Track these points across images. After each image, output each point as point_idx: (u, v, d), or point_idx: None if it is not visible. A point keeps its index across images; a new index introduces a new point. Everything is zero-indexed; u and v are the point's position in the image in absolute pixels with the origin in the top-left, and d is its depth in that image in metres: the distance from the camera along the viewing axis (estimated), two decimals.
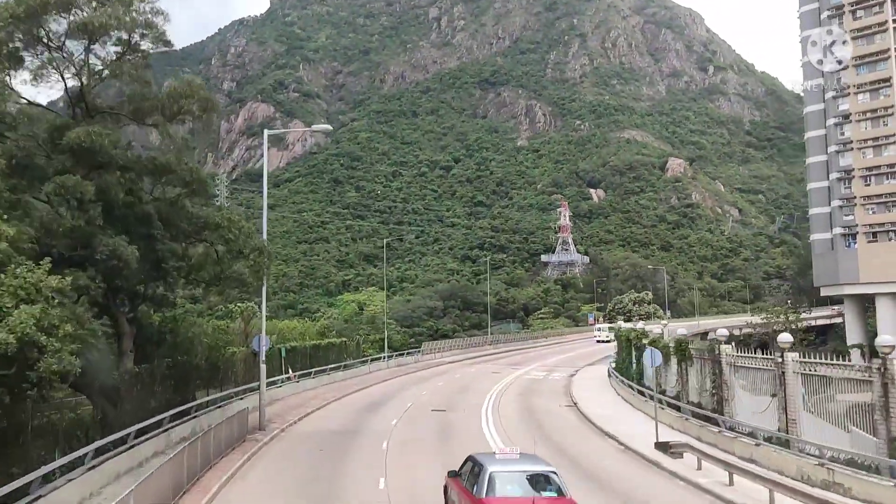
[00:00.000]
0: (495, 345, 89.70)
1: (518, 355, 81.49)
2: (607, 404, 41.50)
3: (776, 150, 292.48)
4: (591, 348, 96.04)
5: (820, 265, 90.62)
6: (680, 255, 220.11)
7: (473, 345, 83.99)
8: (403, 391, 48.33)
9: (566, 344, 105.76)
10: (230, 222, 26.19)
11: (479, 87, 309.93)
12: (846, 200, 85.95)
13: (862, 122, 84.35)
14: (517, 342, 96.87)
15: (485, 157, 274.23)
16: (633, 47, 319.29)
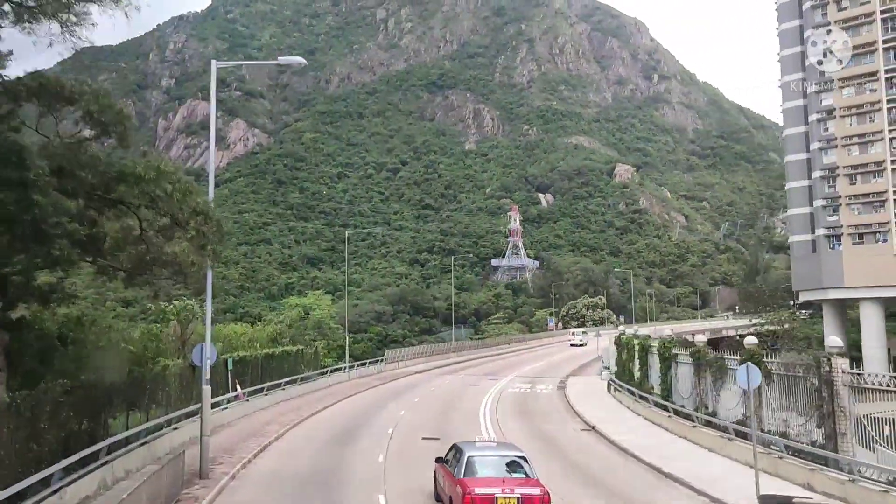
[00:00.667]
0: (459, 352, 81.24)
1: (488, 363, 73.07)
2: (633, 428, 33.24)
3: (719, 159, 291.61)
4: (564, 354, 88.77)
5: (800, 268, 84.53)
6: (629, 260, 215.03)
7: (437, 352, 75.38)
8: (378, 411, 39.29)
9: (535, 350, 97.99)
10: (159, 173, 16.90)
11: (427, 89, 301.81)
12: (830, 200, 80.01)
13: (847, 117, 78.51)
14: (481, 349, 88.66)
15: (433, 159, 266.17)
16: (580, 54, 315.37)
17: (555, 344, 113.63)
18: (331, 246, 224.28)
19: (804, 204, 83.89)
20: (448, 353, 78.18)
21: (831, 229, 79.79)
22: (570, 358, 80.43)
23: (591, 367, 69.29)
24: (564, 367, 69.95)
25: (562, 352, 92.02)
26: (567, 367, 69.92)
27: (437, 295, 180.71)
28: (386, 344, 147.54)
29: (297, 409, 38.66)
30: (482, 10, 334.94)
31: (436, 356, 73.91)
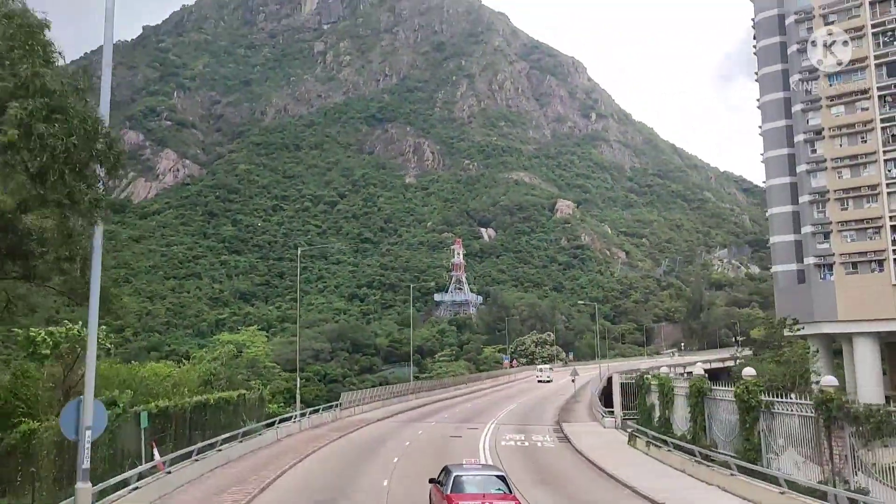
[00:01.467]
0: (418, 393, 70.68)
1: (455, 407, 62.80)
2: None
3: (656, 197, 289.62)
4: (534, 393, 79.78)
5: (785, 301, 77.14)
6: (572, 296, 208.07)
7: (396, 394, 64.80)
8: (351, 478, 28.54)
9: (498, 390, 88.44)
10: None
11: (366, 122, 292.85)
12: (820, 226, 73.07)
13: (837, 137, 72.14)
14: (439, 390, 78.33)
15: (372, 193, 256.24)
16: (519, 91, 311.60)
17: (515, 383, 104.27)
18: (265, 280, 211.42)
19: (788, 231, 76.83)
20: (407, 396, 67.55)
21: (822, 258, 72.76)
22: (543, 399, 71.03)
23: (576, 410, 59.92)
24: (545, 409, 60.53)
25: (530, 391, 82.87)
26: (548, 409, 60.53)
27: (377, 331, 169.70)
28: (325, 383, 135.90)
29: (240, 480, 27.63)
30: (422, 46, 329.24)
31: (394, 399, 63.28)
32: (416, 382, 72.67)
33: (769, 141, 78.68)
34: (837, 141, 72.14)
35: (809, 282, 73.20)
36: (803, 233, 74.34)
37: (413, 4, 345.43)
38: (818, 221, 73.27)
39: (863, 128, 70.94)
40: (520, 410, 60.49)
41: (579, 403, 65.79)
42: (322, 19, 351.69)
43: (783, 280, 77.93)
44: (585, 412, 57.84)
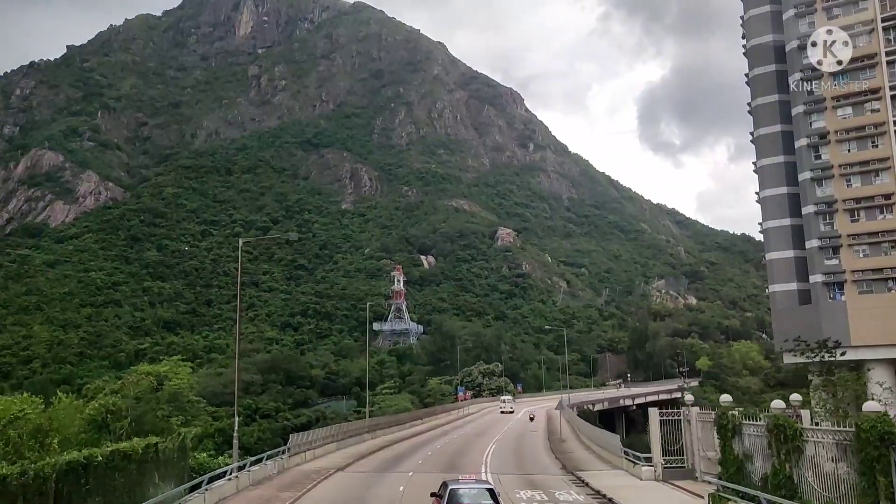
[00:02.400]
0: (374, 431, 58.29)
1: (426, 448, 51.15)
2: None
3: (594, 227, 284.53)
4: (503, 426, 68.99)
5: (785, 323, 67.90)
6: (515, 325, 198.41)
7: (351, 433, 52.36)
8: None
9: (462, 425, 77.08)
10: None
11: (302, 147, 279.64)
12: (828, 240, 64.20)
13: (844, 142, 63.90)
14: (396, 427, 65.97)
15: (307, 219, 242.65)
16: (458, 120, 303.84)
17: (474, 416, 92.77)
18: (191, 308, 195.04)
19: (787, 246, 67.81)
20: (362, 434, 55.16)
21: (830, 275, 63.69)
22: (519, 435, 60.27)
23: (568, 449, 49.73)
24: (533, 447, 50.01)
25: (496, 424, 72.16)
26: (535, 447, 49.98)
27: (312, 362, 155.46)
28: (255, 418, 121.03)
29: None
30: (359, 72, 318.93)
31: (350, 439, 50.85)
32: (372, 420, 60.26)
33: (763, 148, 70.28)
34: (845, 146, 64.02)
35: (817, 302, 64.08)
36: (808, 248, 65.58)
37: (350, 31, 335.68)
38: (825, 235, 64.61)
39: (874, 130, 62.94)
40: (504, 449, 49.59)
41: (565, 443, 54.72)
42: (256, 43, 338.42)
43: (782, 301, 68.85)
44: (583, 452, 46.96)
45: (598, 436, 48.02)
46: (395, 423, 67.66)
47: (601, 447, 45.15)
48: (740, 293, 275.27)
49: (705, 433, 31.29)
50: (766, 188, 70.49)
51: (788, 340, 61.00)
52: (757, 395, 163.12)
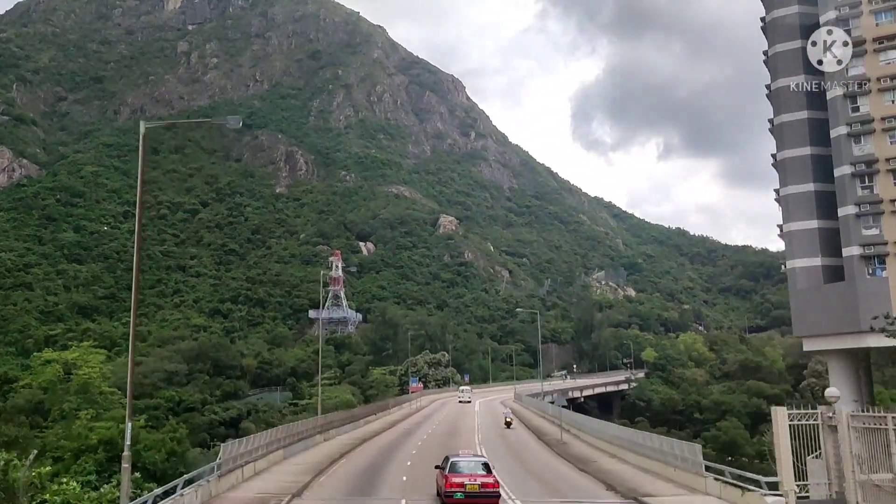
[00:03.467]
0: (326, 432, 47.17)
1: (398, 452, 40.69)
2: None
3: (534, 217, 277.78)
4: (469, 421, 59.93)
5: (807, 304, 59.07)
6: (457, 314, 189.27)
7: (300, 436, 40.77)
8: None
9: (422, 420, 66.87)
10: None
11: (234, 128, 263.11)
12: (868, 206, 55.30)
13: (887, 91, 55.41)
14: (350, 424, 54.92)
15: (238, 202, 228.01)
16: (398, 105, 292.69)
17: (430, 408, 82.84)
18: (110, 293, 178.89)
19: (810, 216, 58.80)
20: (314, 436, 44.04)
21: (870, 247, 54.95)
22: (501, 435, 50.04)
23: (574, 452, 38.87)
24: (532, 455, 40.52)
25: (461, 417, 63.54)
26: (533, 452, 39.86)
27: (244, 351, 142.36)
28: (178, 413, 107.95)
29: None
30: (296, 53, 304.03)
31: (298, 444, 39.47)
32: (324, 417, 48.71)
33: (784, 102, 60.75)
34: (888, 95, 55.39)
35: (852, 278, 55.12)
36: (842, 215, 56.50)
37: (287, 11, 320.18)
38: (864, 200, 55.74)
39: None
40: (503, 458, 39.23)
41: (568, 446, 44.74)
42: (187, 19, 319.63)
43: (803, 279, 59.68)
44: (610, 461, 36.65)
45: (634, 438, 36.80)
46: (350, 419, 56.68)
47: (642, 454, 34.28)
48: (677, 286, 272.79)
49: (865, 445, 20.82)
50: (787, 148, 60.67)
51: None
52: (703, 386, 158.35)
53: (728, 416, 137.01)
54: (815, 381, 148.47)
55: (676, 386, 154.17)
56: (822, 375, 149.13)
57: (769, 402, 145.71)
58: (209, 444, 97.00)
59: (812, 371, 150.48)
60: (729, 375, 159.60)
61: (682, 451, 29.72)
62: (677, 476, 29.46)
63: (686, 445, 30.23)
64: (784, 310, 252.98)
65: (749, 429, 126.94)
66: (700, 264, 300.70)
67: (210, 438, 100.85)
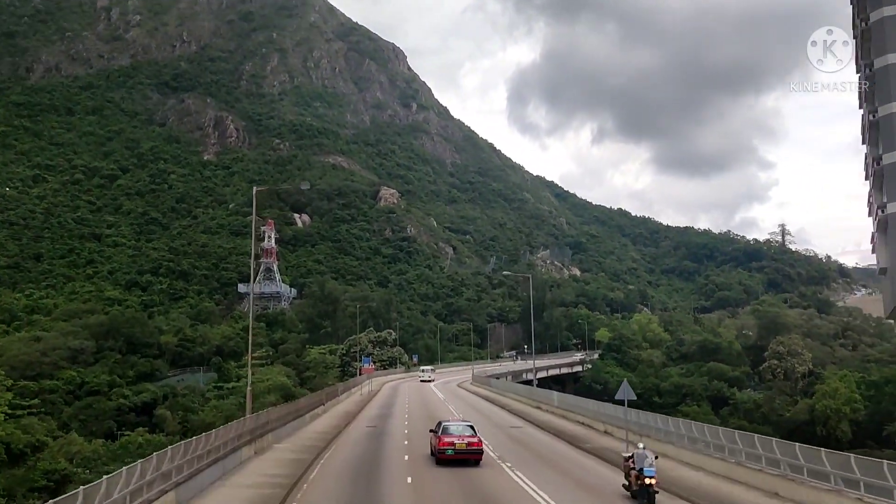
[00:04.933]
0: (260, 439, 32.43)
1: (384, 481, 26.52)
2: None
3: (478, 194, 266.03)
4: (441, 407, 45.65)
5: None
6: (400, 292, 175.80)
7: (217, 453, 25.75)
8: None
9: (384, 410, 53.63)
10: None
11: (158, 90, 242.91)
12: None
13: None
14: (296, 421, 40.21)
15: (162, 168, 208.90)
16: (336, 72, 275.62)
17: (387, 395, 69.56)
18: (14, 262, 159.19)
19: None
20: (239, 451, 28.44)
21: None
22: (514, 439, 36.96)
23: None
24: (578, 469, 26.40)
25: (432, 406, 48.62)
26: (580, 464, 26.36)
27: (163, 327, 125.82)
28: (80, 396, 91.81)
29: None
30: (226, 13, 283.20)
31: (210, 469, 24.32)
32: (255, 417, 32.82)
33: None
34: None
35: None
36: None
37: None
38: None
39: None
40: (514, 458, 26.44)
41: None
42: None
43: None
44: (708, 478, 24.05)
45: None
46: (292, 415, 41.90)
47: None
48: (622, 266, 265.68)
49: None
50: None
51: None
52: (660, 368, 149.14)
53: (689, 399, 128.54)
54: (777, 363, 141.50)
55: (633, 368, 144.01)
56: (783, 357, 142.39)
57: (730, 385, 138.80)
58: (116, 434, 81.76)
59: (773, 353, 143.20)
60: (686, 357, 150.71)
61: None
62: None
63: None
64: (729, 291, 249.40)
65: (712, 413, 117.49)
66: (643, 245, 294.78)
67: (118, 427, 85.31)
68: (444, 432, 30.09)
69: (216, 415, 79.00)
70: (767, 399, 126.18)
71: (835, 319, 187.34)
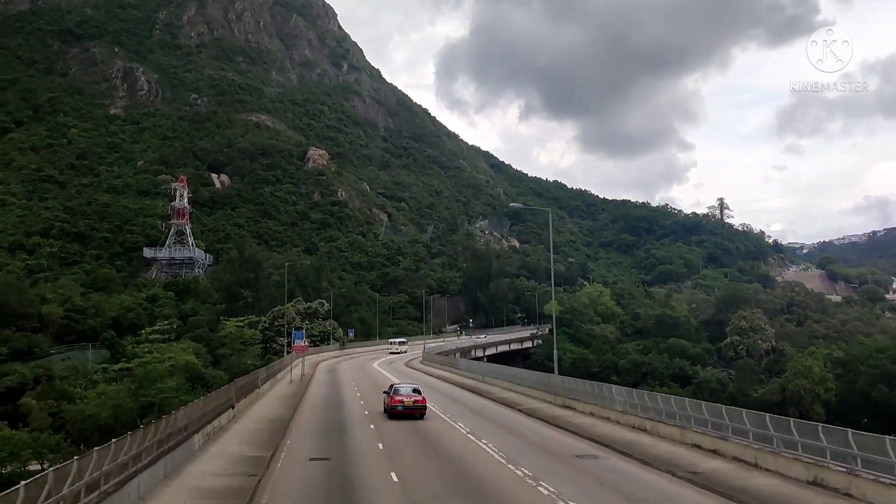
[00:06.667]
0: (136, 477, 15.15)
1: None
2: None
3: (412, 160, 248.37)
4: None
5: None
6: (331, 260, 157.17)
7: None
8: None
9: (309, 411, 36.27)
10: None
11: (60, 38, 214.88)
12: None
13: None
14: (188, 443, 23.00)
15: (61, 122, 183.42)
16: (261, 26, 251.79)
17: (320, 377, 52.06)
18: None
19: None
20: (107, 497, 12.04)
21: None
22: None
23: None
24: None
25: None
26: None
27: (48, 296, 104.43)
28: None
29: None
30: None
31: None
32: (135, 437, 15.03)
33: None
34: None
35: None
36: None
37: None
38: None
39: None
40: None
41: None
42: None
43: None
44: None
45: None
46: (190, 427, 23.11)
47: None
48: (560, 238, 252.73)
49: None
50: None
51: None
52: (616, 345, 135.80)
53: (650, 378, 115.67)
54: (739, 338, 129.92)
55: (587, 344, 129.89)
56: (746, 333, 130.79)
57: (693, 363, 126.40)
58: None
59: (735, 328, 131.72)
60: (642, 332, 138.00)
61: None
62: None
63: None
64: (670, 265, 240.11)
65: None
66: (580, 218, 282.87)
67: None
68: (395, 393, 35.44)
69: (100, 404, 60.27)
70: (738, 377, 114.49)
71: (780, 294, 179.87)
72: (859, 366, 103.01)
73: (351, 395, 46.76)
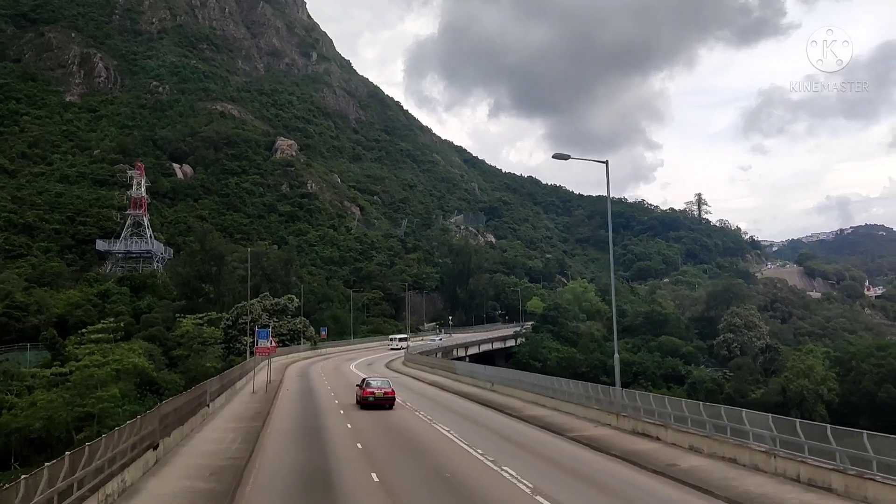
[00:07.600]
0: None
1: None
2: None
3: (385, 153, 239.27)
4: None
5: None
6: (300, 254, 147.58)
7: None
8: None
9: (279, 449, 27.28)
10: None
11: (14, 22, 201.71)
12: None
13: None
14: (107, 478, 14.42)
15: (14, 109, 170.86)
16: (226, 13, 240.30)
17: (293, 385, 43.03)
18: None
19: None
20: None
21: None
22: None
23: None
24: None
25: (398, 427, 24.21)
26: None
27: None
28: None
29: None
30: None
31: None
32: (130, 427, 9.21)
33: None
34: None
35: None
36: None
37: None
38: None
39: None
40: None
41: None
42: None
43: None
44: None
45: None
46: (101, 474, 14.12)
47: None
48: (536, 234, 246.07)
49: None
50: None
51: None
52: (603, 343, 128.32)
53: (641, 379, 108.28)
54: (733, 336, 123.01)
55: (573, 342, 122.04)
56: (740, 330, 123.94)
57: (685, 362, 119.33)
58: None
59: (728, 325, 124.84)
60: (631, 330, 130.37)
61: None
62: None
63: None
64: (648, 261, 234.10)
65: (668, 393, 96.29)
66: (555, 214, 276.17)
67: None
68: (367, 386, 38.53)
69: (30, 415, 50.95)
70: (736, 377, 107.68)
71: (762, 290, 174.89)
72: (861, 365, 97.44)
73: (330, 408, 37.90)
